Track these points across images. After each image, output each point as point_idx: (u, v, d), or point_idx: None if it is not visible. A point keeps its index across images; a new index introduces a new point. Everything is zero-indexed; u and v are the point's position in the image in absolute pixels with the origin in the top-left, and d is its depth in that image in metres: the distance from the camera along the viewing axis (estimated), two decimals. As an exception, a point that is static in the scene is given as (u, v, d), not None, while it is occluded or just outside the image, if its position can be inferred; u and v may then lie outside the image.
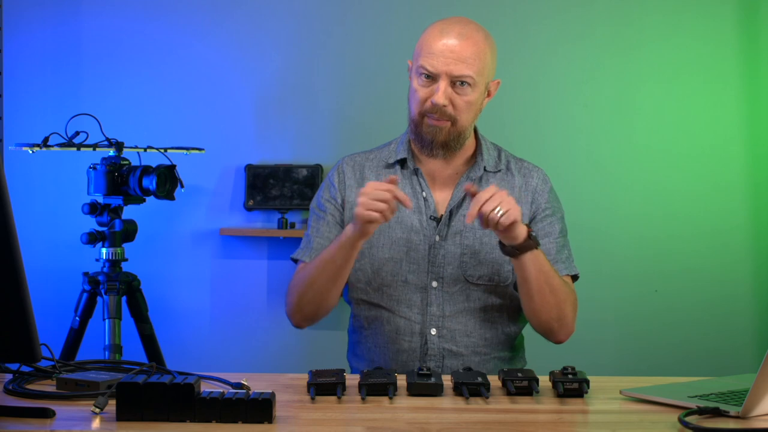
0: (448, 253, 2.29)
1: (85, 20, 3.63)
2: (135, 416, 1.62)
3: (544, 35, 3.65)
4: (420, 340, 2.29)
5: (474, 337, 2.30)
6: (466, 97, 2.23)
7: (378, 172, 2.36)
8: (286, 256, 3.66)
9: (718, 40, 3.64)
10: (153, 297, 3.33)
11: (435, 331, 2.29)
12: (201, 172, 3.62)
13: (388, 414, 1.73)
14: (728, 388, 1.86)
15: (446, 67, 2.20)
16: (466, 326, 2.30)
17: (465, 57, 2.21)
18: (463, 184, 2.31)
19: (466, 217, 2.09)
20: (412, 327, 2.30)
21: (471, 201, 2.10)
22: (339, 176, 2.38)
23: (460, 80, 2.21)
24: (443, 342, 2.29)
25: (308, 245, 2.35)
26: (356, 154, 2.42)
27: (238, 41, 3.65)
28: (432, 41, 2.23)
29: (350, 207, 2.33)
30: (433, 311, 2.29)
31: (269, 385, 1.85)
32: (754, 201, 3.67)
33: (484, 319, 2.31)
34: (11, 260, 1.59)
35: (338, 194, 2.36)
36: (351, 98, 3.67)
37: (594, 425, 1.73)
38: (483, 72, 2.24)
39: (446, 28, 2.25)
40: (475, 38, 2.24)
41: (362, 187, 2.15)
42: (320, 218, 2.36)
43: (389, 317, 2.31)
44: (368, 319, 2.34)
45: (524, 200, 2.34)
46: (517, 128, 3.62)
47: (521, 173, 2.37)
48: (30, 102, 3.61)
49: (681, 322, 3.67)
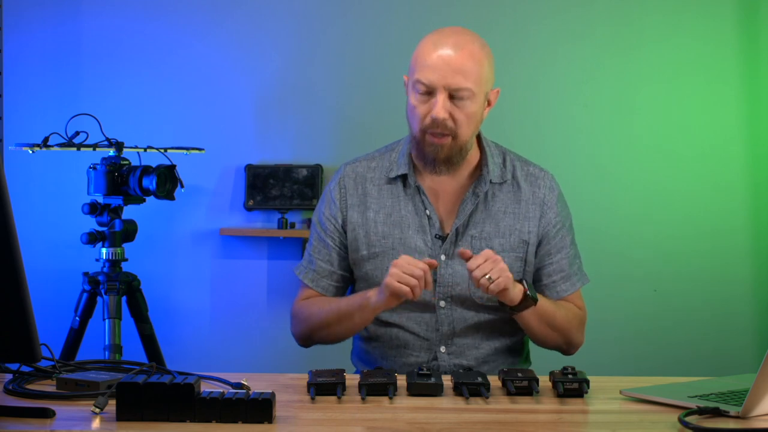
0: (455, 273, 2.25)
1: (85, 20, 3.63)
2: (135, 416, 1.62)
3: (544, 35, 3.65)
4: (428, 355, 2.28)
5: (483, 348, 2.28)
6: (466, 110, 2.17)
7: (380, 187, 2.30)
8: (286, 256, 3.66)
9: (718, 40, 3.64)
10: (153, 297, 3.33)
11: (444, 348, 2.27)
12: (201, 172, 3.62)
13: (388, 414, 1.73)
14: (728, 388, 1.86)
15: (443, 80, 2.14)
16: (475, 339, 2.28)
17: (462, 68, 2.14)
18: (468, 201, 2.26)
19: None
20: (421, 343, 2.28)
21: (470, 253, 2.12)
22: (341, 192, 2.32)
23: (459, 93, 2.15)
24: (453, 358, 2.27)
25: (310, 266, 2.33)
26: (358, 162, 2.35)
27: (238, 41, 3.65)
28: (427, 54, 2.17)
29: (352, 228, 2.29)
30: (444, 330, 2.26)
31: (269, 385, 1.85)
32: (754, 201, 3.67)
33: (492, 330, 2.29)
34: (11, 260, 1.59)
35: (339, 213, 2.31)
36: (351, 98, 3.67)
37: (594, 425, 1.73)
38: (481, 82, 2.17)
39: (440, 40, 2.17)
40: (471, 48, 2.17)
41: (364, 206, 2.20)
42: (321, 239, 2.32)
43: (398, 333, 2.29)
44: (377, 333, 2.32)
45: (532, 214, 2.29)
46: (517, 128, 3.62)
47: (528, 181, 2.31)
48: (30, 102, 3.61)
49: (681, 322, 3.67)
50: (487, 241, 2.26)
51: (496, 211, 2.28)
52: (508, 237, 2.27)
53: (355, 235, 2.29)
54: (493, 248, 2.23)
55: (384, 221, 2.28)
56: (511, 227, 2.27)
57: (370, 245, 2.28)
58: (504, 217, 2.28)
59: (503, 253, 2.24)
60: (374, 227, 2.28)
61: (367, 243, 2.28)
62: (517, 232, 2.27)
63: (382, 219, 2.28)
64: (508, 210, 2.28)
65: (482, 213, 2.27)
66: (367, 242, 2.28)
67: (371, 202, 2.30)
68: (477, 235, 2.26)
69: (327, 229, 2.32)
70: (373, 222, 2.28)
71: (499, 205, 2.28)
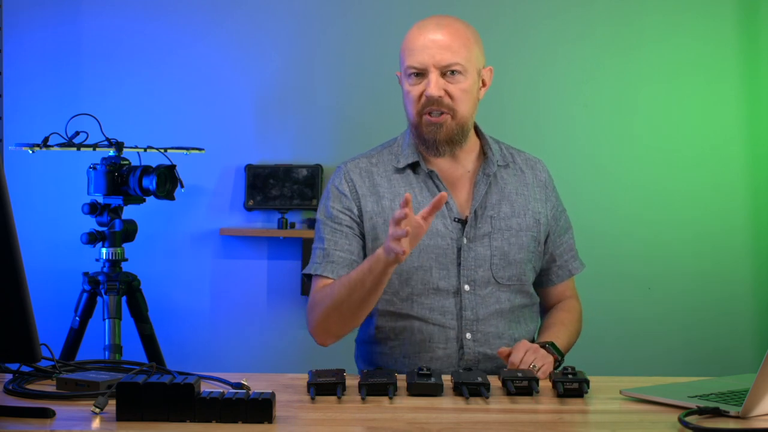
0: (478, 255, 2.26)
1: (85, 20, 3.63)
2: (135, 416, 1.62)
3: (544, 35, 3.65)
4: (456, 345, 2.25)
5: (505, 338, 2.28)
6: (460, 85, 2.21)
7: (389, 177, 2.30)
8: (286, 256, 3.66)
9: (718, 40, 3.64)
10: (153, 297, 3.33)
11: (470, 335, 2.25)
12: (201, 172, 3.62)
13: (388, 414, 1.74)
14: (728, 388, 1.86)
15: (432, 59, 2.19)
16: (497, 328, 2.28)
17: (449, 45, 2.19)
18: (481, 183, 2.28)
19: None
20: (446, 333, 2.25)
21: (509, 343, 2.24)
22: (349, 185, 2.30)
23: (450, 69, 2.19)
24: (478, 346, 2.25)
25: (327, 258, 2.25)
26: (357, 160, 2.35)
27: (238, 41, 3.65)
28: (413, 40, 2.22)
29: (369, 217, 2.27)
30: (468, 315, 2.25)
31: (269, 385, 1.85)
32: (754, 201, 3.67)
33: (511, 319, 2.30)
34: (11, 260, 1.59)
35: (353, 204, 2.28)
36: (351, 98, 3.67)
37: (594, 425, 1.73)
38: (470, 58, 2.22)
39: (424, 24, 2.24)
40: (455, 26, 2.23)
41: (377, 195, 2.21)
42: (336, 230, 2.27)
43: (420, 326, 2.26)
44: (395, 330, 2.28)
45: (538, 196, 2.36)
46: (517, 128, 3.62)
47: (528, 165, 2.39)
48: (30, 102, 3.61)
49: (681, 322, 3.67)
50: (506, 221, 2.29)
51: (509, 192, 2.32)
52: (524, 217, 2.32)
53: (372, 224, 2.27)
54: (512, 227, 2.29)
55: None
56: (524, 207, 2.33)
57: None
58: (517, 197, 2.33)
59: (521, 232, 2.30)
60: (393, 214, 2.26)
61: (386, 230, 2.24)
62: (530, 212, 2.33)
63: (399, 207, 2.26)
64: (519, 191, 2.34)
65: (497, 195, 2.31)
66: (386, 230, 2.24)
67: (384, 192, 2.29)
68: (496, 216, 2.29)
69: (342, 221, 2.28)
70: (390, 210, 2.27)
71: (510, 186, 2.33)
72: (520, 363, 2.07)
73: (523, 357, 2.08)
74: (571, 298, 2.43)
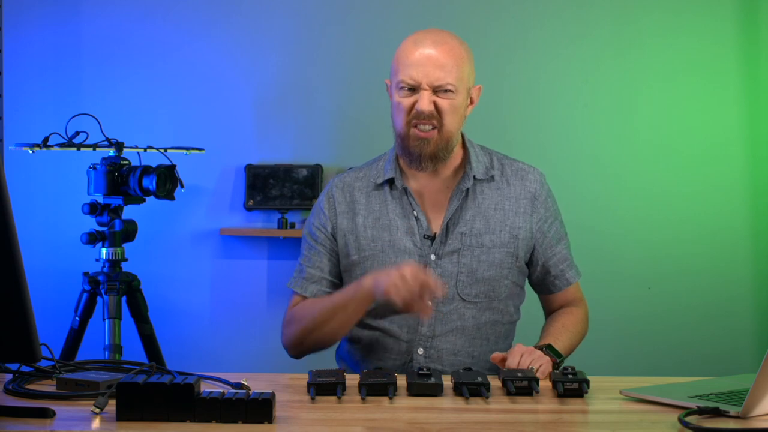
0: (444, 272, 2.27)
1: (85, 20, 3.63)
2: (135, 416, 1.62)
3: (544, 36, 3.65)
4: (405, 358, 2.29)
5: (461, 355, 2.29)
6: (450, 102, 2.21)
7: (368, 193, 2.34)
8: (286, 256, 3.66)
9: (718, 40, 3.64)
10: (153, 297, 3.33)
11: (422, 351, 2.28)
12: (201, 172, 3.62)
13: (388, 414, 1.74)
14: (728, 388, 1.86)
15: (426, 77, 2.19)
16: (455, 345, 2.28)
17: (443, 64, 2.19)
18: (454, 198, 2.28)
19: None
20: (400, 346, 2.29)
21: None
22: (329, 202, 2.36)
23: (442, 87, 2.20)
24: (429, 362, 2.27)
25: (300, 275, 2.35)
26: (346, 175, 2.40)
27: (238, 41, 3.65)
28: (408, 53, 2.22)
29: (342, 234, 2.32)
30: (423, 331, 2.27)
31: (269, 385, 1.85)
32: (754, 201, 3.67)
33: (474, 336, 2.30)
34: (11, 260, 1.59)
35: (328, 222, 2.34)
36: (351, 98, 3.67)
37: (594, 425, 1.73)
38: (462, 78, 2.22)
39: (420, 39, 2.23)
40: (451, 44, 2.22)
41: (353, 213, 2.24)
42: (312, 247, 2.35)
43: (380, 337, 2.30)
44: (358, 337, 2.34)
45: (522, 209, 2.32)
46: (517, 129, 3.62)
47: (518, 175, 2.34)
48: (30, 102, 3.61)
49: (681, 322, 3.67)
50: (478, 238, 2.28)
51: (486, 208, 2.30)
52: (499, 233, 2.29)
53: (345, 240, 2.32)
54: (484, 244, 2.27)
55: (373, 225, 2.31)
56: (501, 223, 2.30)
57: (360, 249, 2.30)
58: (494, 213, 2.30)
59: (494, 249, 2.28)
60: (363, 231, 2.31)
61: (357, 247, 2.31)
62: (507, 228, 2.30)
63: (371, 223, 2.31)
64: (498, 206, 2.31)
65: (472, 210, 2.30)
66: (357, 246, 2.31)
67: (359, 209, 2.33)
68: (467, 232, 2.28)
69: (318, 237, 2.35)
70: (362, 227, 2.31)
71: (488, 201, 2.31)
72: (518, 366, 2.07)
73: (519, 361, 2.08)
74: (574, 304, 2.41)
